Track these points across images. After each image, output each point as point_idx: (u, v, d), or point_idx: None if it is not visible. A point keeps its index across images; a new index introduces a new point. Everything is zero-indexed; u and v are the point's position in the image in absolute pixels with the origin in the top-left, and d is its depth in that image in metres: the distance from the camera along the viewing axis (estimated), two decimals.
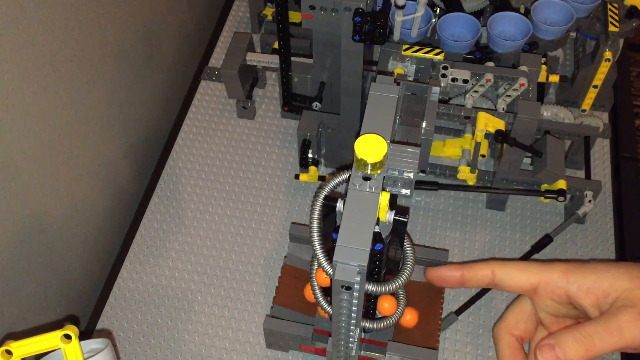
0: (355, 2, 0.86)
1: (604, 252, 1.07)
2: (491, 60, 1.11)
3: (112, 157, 1.15)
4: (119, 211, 1.20)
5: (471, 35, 1.11)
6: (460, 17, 1.13)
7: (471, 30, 1.12)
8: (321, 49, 1.07)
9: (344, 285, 0.67)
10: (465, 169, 1.05)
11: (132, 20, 1.15)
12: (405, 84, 0.87)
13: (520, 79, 1.02)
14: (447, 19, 1.12)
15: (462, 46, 1.10)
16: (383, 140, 0.68)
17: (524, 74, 1.02)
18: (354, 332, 0.77)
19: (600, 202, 1.13)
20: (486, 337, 0.98)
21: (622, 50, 1.13)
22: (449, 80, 1.02)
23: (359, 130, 0.78)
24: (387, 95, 0.77)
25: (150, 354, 0.98)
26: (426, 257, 0.99)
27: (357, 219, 0.68)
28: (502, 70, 1.04)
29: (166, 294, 1.04)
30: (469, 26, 1.13)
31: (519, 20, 1.11)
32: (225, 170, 1.19)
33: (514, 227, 1.10)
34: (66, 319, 1.06)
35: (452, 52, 1.10)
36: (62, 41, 0.94)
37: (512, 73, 1.03)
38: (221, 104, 1.29)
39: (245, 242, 1.10)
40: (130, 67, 1.17)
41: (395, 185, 0.74)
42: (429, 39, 1.16)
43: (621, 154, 1.21)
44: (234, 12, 1.47)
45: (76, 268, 1.08)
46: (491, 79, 1.03)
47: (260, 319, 1.00)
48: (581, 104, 1.18)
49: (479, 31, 1.11)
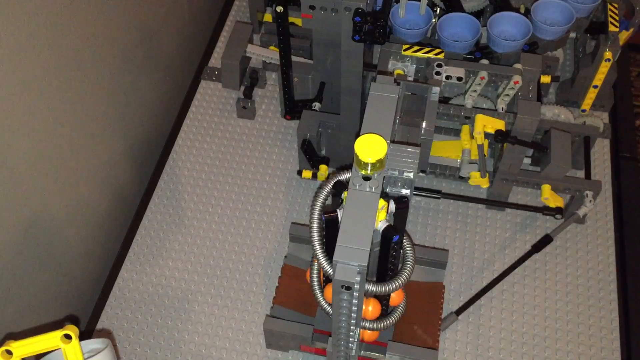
0: (355, 2, 0.86)
1: (604, 252, 1.07)
2: (491, 60, 1.11)
3: (112, 157, 1.15)
4: (119, 211, 1.20)
5: (471, 35, 1.12)
6: (460, 17, 1.13)
7: (471, 31, 1.12)
8: (321, 49, 1.07)
9: (344, 285, 0.67)
10: (476, 174, 1.05)
11: (132, 20, 1.15)
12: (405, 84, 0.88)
13: (514, 77, 1.02)
14: (447, 19, 1.12)
15: (462, 46, 1.10)
16: (383, 140, 0.68)
17: (518, 71, 1.02)
18: (354, 332, 0.77)
19: (600, 202, 1.13)
20: (486, 337, 0.98)
21: (622, 50, 1.13)
22: (443, 77, 1.02)
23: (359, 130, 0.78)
24: (387, 95, 0.77)
25: (150, 354, 0.98)
26: (426, 257, 0.99)
27: (357, 219, 0.68)
28: (496, 67, 1.04)
29: (166, 294, 1.04)
30: (469, 26, 1.13)
31: (519, 20, 1.11)
32: (225, 170, 1.19)
33: (514, 227, 1.10)
34: (66, 319, 1.06)
35: (453, 52, 1.10)
36: (62, 41, 0.94)
37: (506, 71, 1.03)
38: (221, 104, 1.29)
39: (245, 242, 1.10)
40: (130, 67, 1.17)
41: (395, 185, 0.74)
42: (429, 39, 1.16)
43: (621, 154, 1.21)
44: (234, 12, 1.47)
45: (76, 268, 1.08)
46: (485, 77, 1.03)
47: (260, 319, 1.00)
48: (581, 104, 1.18)
49: (479, 31, 1.11)
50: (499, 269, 1.04)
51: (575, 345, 0.97)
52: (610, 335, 0.98)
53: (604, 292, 1.03)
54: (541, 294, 1.03)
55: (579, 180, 1.08)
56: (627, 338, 0.99)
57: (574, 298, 1.02)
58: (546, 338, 0.98)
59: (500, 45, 1.09)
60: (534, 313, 1.01)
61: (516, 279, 1.04)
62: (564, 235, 1.08)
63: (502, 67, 1.04)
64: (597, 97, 1.17)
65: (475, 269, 1.06)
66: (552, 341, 0.98)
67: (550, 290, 1.03)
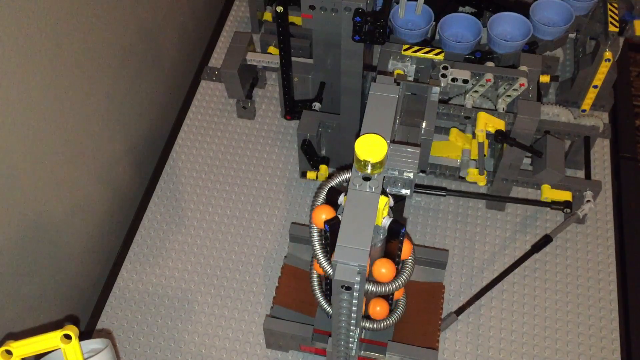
0: (355, 2, 0.86)
1: (604, 252, 1.07)
2: (491, 60, 1.11)
3: (112, 157, 1.15)
4: (119, 211, 1.20)
5: (472, 35, 1.11)
6: (461, 18, 1.13)
7: (472, 31, 1.12)
8: (321, 49, 1.07)
9: (344, 285, 0.67)
10: (474, 171, 1.05)
11: (132, 20, 1.15)
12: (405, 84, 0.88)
13: (520, 79, 1.02)
14: (448, 19, 1.12)
15: (463, 47, 1.10)
16: (383, 140, 0.68)
17: (524, 74, 1.02)
18: (354, 332, 0.78)
19: (600, 202, 1.13)
20: (486, 337, 0.98)
21: (622, 50, 1.13)
22: (449, 80, 1.02)
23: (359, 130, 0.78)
24: (387, 95, 0.77)
25: (150, 354, 0.98)
26: (426, 257, 0.99)
27: (357, 219, 0.68)
28: (502, 70, 1.04)
29: (166, 294, 1.04)
30: (470, 27, 1.13)
31: (519, 20, 1.11)
32: (225, 170, 1.19)
33: (514, 227, 1.10)
34: (66, 319, 1.06)
35: (453, 53, 1.10)
36: (62, 40, 0.94)
37: (512, 73, 1.03)
38: (221, 104, 1.29)
39: (245, 242, 1.10)
40: (130, 66, 1.17)
41: (395, 185, 0.74)
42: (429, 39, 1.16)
43: (621, 154, 1.21)
44: (234, 12, 1.47)
45: (76, 268, 1.08)
46: (491, 79, 1.03)
47: (260, 319, 1.00)
48: (581, 104, 1.18)
49: (480, 32, 1.11)
50: (499, 269, 1.04)
51: (575, 345, 0.97)
52: (610, 335, 0.98)
53: (604, 292, 1.03)
54: (541, 294, 1.03)
55: (579, 180, 1.08)
56: (627, 338, 0.99)
57: (574, 298, 1.02)
58: (546, 338, 0.98)
59: (500, 45, 1.09)
60: (534, 313, 1.01)
61: (516, 279, 1.04)
62: (564, 235, 1.08)
63: (508, 69, 1.04)
64: (597, 97, 1.17)
65: (475, 269, 1.06)
66: (552, 341, 0.98)
67: (550, 290, 1.03)
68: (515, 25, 1.12)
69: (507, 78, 1.03)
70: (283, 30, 1.04)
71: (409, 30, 1.11)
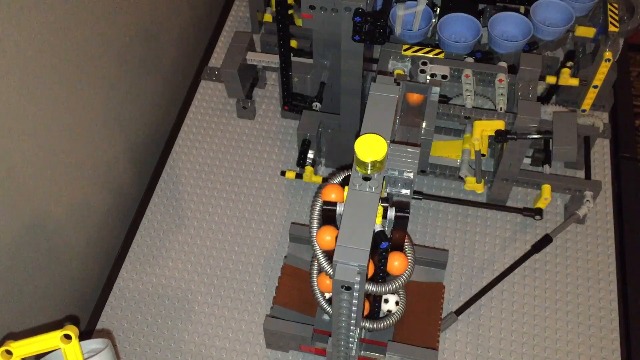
0: (355, 2, 0.86)
1: (604, 252, 1.07)
2: (492, 60, 1.11)
3: (112, 157, 1.15)
4: (119, 211, 1.20)
5: (472, 35, 1.11)
6: (460, 18, 1.13)
7: (472, 31, 1.12)
8: (321, 49, 1.07)
9: (344, 286, 0.67)
10: (471, 179, 1.05)
11: (132, 20, 1.15)
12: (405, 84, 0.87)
13: (498, 75, 1.02)
14: (448, 19, 1.12)
15: (463, 47, 1.10)
16: (383, 140, 0.68)
17: (502, 69, 1.02)
18: (354, 332, 0.78)
19: (600, 202, 1.13)
20: (486, 337, 0.98)
21: (622, 50, 1.13)
22: (428, 75, 1.02)
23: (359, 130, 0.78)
24: (387, 95, 0.77)
25: (150, 354, 0.98)
26: (426, 257, 0.99)
27: (357, 219, 0.68)
28: (480, 65, 1.04)
29: (166, 294, 1.04)
30: (469, 26, 1.13)
31: (519, 20, 1.11)
32: (225, 170, 1.19)
33: (514, 226, 1.10)
34: (66, 319, 1.06)
35: (453, 53, 1.10)
36: (62, 41, 0.94)
37: (490, 69, 1.03)
38: (221, 104, 1.29)
39: (245, 242, 1.10)
40: (130, 66, 1.17)
41: (395, 185, 0.74)
42: (429, 39, 1.16)
43: (621, 154, 1.21)
44: (234, 12, 1.47)
45: (76, 268, 1.08)
46: (470, 74, 1.03)
47: (260, 319, 1.00)
48: (581, 104, 1.18)
49: (479, 32, 1.11)
50: (499, 269, 1.04)
51: (575, 345, 0.97)
52: (610, 335, 0.98)
53: (604, 292, 1.03)
54: (541, 294, 1.03)
55: (579, 180, 1.08)
56: (627, 338, 0.99)
57: (574, 298, 1.02)
58: (546, 338, 0.98)
59: (501, 45, 1.09)
60: (534, 313, 1.01)
61: (516, 279, 1.04)
62: (564, 235, 1.08)
63: (486, 65, 1.05)
64: (597, 97, 1.17)
65: (475, 269, 1.06)
66: (552, 341, 0.98)
67: (550, 290, 1.03)
68: (516, 25, 1.12)
69: (485, 74, 1.03)
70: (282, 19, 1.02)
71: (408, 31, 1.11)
